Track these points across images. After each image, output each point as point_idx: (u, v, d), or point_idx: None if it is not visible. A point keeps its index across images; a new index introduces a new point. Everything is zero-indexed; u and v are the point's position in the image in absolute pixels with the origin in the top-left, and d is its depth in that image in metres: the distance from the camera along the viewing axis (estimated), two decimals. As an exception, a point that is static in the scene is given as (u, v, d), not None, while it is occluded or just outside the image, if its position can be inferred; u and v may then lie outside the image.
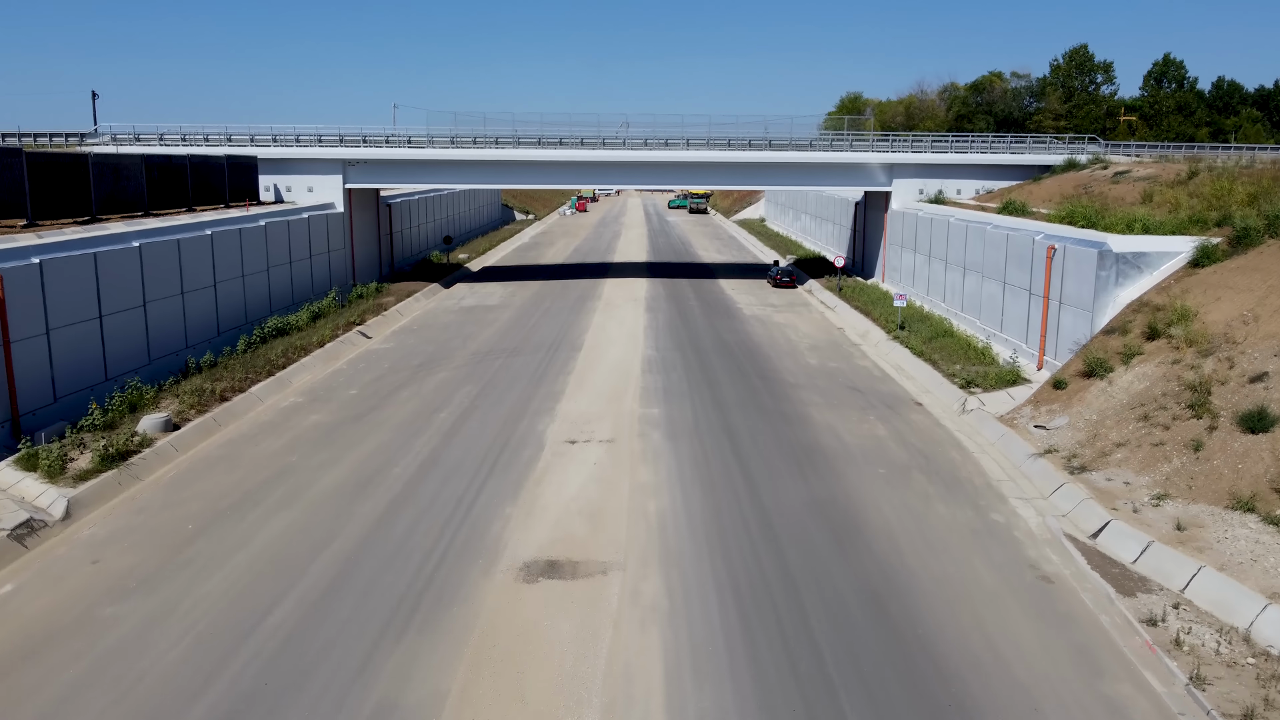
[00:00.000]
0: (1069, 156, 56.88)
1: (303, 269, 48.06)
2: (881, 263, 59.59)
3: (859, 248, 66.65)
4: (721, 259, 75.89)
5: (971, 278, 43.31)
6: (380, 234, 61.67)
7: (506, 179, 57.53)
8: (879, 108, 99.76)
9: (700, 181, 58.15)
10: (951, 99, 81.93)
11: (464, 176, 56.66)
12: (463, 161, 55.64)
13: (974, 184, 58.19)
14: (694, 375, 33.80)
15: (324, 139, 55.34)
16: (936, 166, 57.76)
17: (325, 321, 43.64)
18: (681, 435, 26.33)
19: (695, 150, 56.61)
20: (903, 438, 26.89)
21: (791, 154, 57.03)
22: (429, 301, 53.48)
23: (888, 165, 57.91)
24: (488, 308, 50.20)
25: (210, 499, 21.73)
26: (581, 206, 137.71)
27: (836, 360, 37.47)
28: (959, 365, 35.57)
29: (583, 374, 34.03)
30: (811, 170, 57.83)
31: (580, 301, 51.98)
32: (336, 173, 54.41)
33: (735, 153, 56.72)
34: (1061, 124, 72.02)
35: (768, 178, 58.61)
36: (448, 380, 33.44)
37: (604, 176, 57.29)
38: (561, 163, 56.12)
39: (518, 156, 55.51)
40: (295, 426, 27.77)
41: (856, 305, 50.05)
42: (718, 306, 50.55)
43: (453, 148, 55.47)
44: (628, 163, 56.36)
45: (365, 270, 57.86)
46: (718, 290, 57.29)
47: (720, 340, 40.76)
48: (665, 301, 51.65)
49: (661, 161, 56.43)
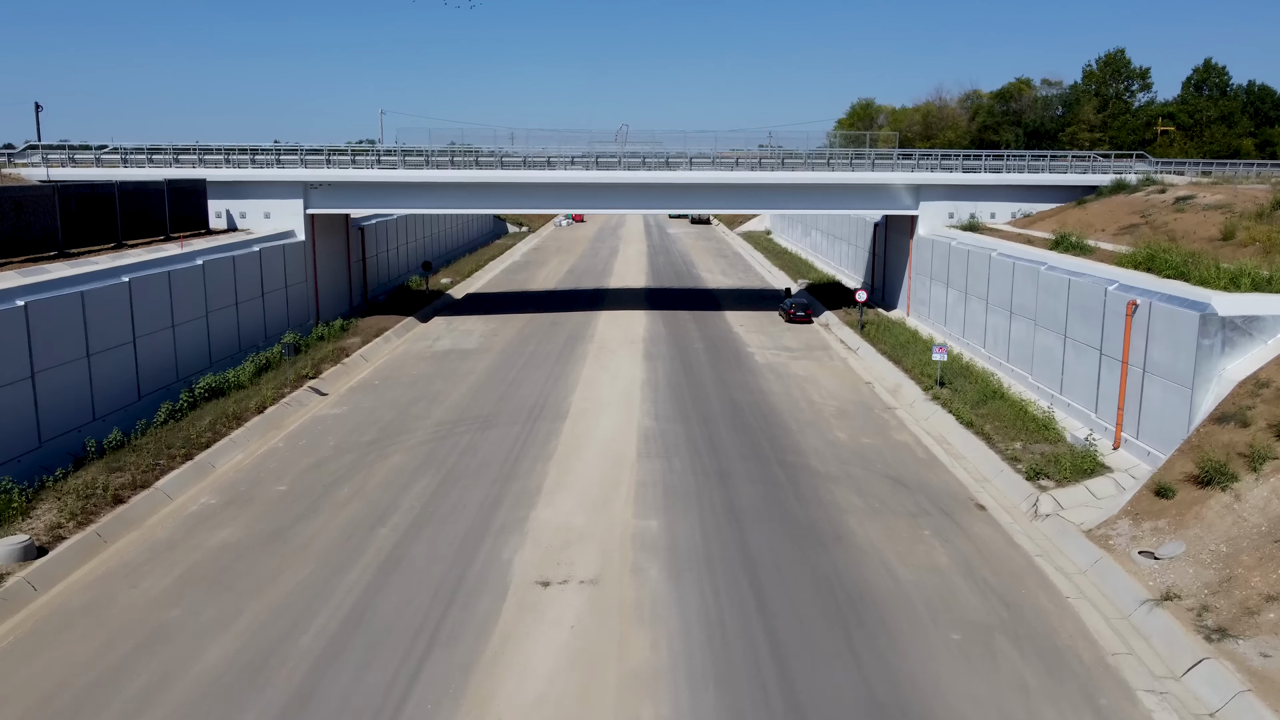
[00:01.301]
0: (1117, 177, 50.90)
1: (253, 310, 42.09)
2: (906, 294, 53.64)
3: (878, 273, 60.68)
4: (727, 283, 69.90)
5: (1020, 324, 37.34)
6: (350, 261, 55.72)
7: (490, 202, 51.55)
8: (893, 115, 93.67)
9: (705, 205, 52.20)
10: (975, 108, 76.00)
11: (442, 200, 50.70)
12: (440, 184, 49.69)
13: (1009, 207, 52.24)
14: (701, 461, 27.82)
15: (283, 159, 49.41)
16: (968, 188, 51.79)
17: (273, 376, 37.68)
18: (688, 571, 20.34)
19: (699, 170, 50.66)
20: (971, 569, 20.91)
21: (806, 174, 51.05)
22: (400, 342, 47.51)
23: (913, 186, 51.95)
24: (464, 352, 44.22)
25: (39, 695, 15.78)
26: (579, 217, 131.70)
27: (870, 433, 31.47)
28: (1018, 442, 29.61)
29: (566, 459, 28.05)
30: (828, 193, 51.86)
31: (570, 343, 46.02)
32: (296, 196, 48.47)
33: (743, 173, 50.77)
34: (1096, 136, 66.14)
35: (779, 200, 52.63)
36: (401, 467, 27.47)
37: (599, 200, 51.33)
38: (551, 185, 50.18)
39: (502, 179, 49.56)
40: (195, 549, 21.81)
41: (883, 349, 44.08)
42: (726, 350, 44.58)
43: (428, 168, 49.53)
44: (625, 185, 50.40)
45: (331, 304, 51.91)
46: (724, 326, 51.31)
47: (731, 402, 34.79)
48: (666, 344, 45.68)
49: (662, 183, 50.46)
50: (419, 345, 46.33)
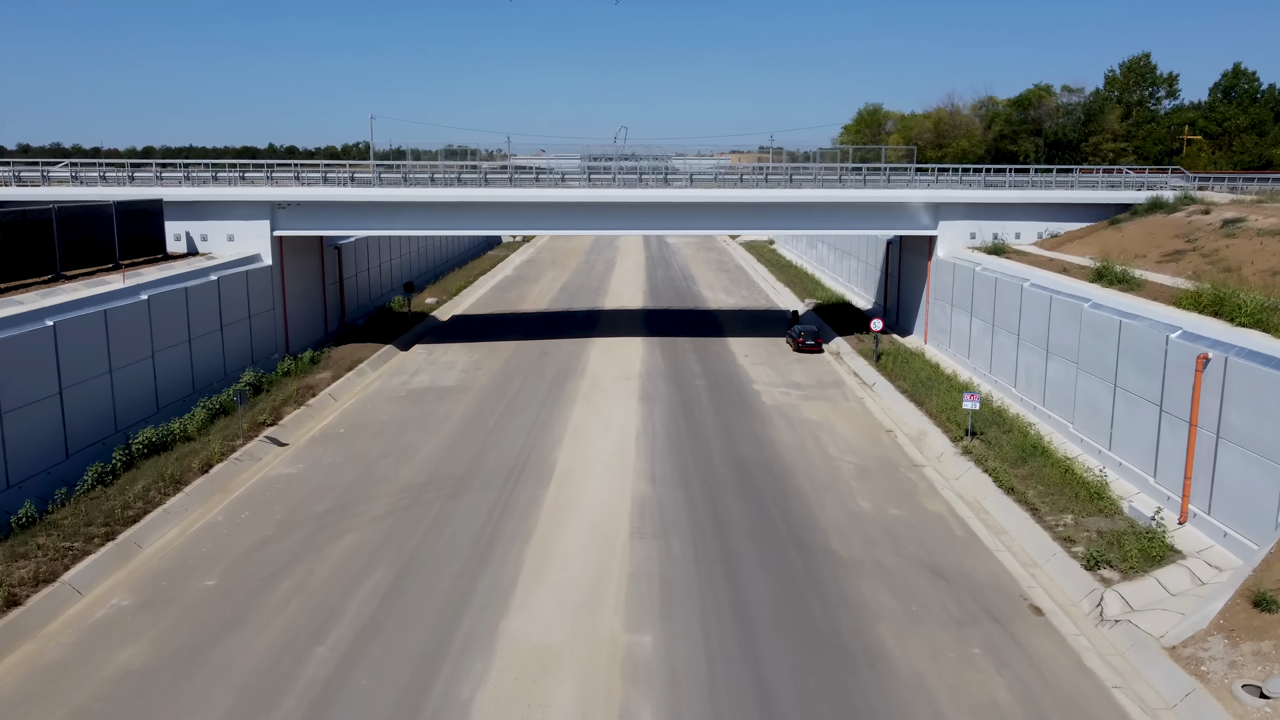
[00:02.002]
0: (1152, 194, 47.00)
1: (209, 347, 38.18)
2: (924, 319, 49.75)
3: (891, 293, 56.80)
4: (730, 302, 65.98)
5: (1060, 366, 33.47)
6: (325, 284, 51.83)
7: (474, 223, 47.65)
8: (902, 122, 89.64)
9: (708, 224, 48.29)
10: (990, 115, 72.13)
11: (422, 221, 46.79)
12: (420, 204, 45.80)
13: (1035, 226, 48.36)
14: (704, 542, 23.90)
15: (248, 175, 45.51)
16: (991, 206, 47.90)
17: (227, 423, 33.78)
18: (689, 717, 16.42)
19: (701, 189, 46.75)
20: (1038, 710, 16.99)
21: (815, 193, 47.16)
22: (374, 377, 43.61)
23: (932, 205, 48.06)
24: (442, 391, 40.31)
25: None
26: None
27: (897, 500, 27.54)
28: (1069, 515, 25.72)
29: (547, 539, 24.14)
30: (839, 212, 47.96)
31: (559, 379, 42.12)
32: (263, 217, 44.56)
33: (747, 191, 46.87)
34: (1121, 146, 62.28)
35: (787, 219, 48.72)
36: (354, 551, 23.56)
37: (593, 220, 47.42)
38: (541, 205, 46.29)
39: (487, 198, 45.67)
40: (87, 679, 17.91)
41: (902, 386, 40.19)
42: (730, 388, 40.68)
43: (407, 186, 45.62)
44: (621, 204, 46.51)
45: (303, 332, 48.00)
46: (728, 357, 47.41)
47: (737, 459, 30.88)
48: (664, 381, 41.78)
49: (661, 203, 46.57)
50: (394, 381, 42.41)
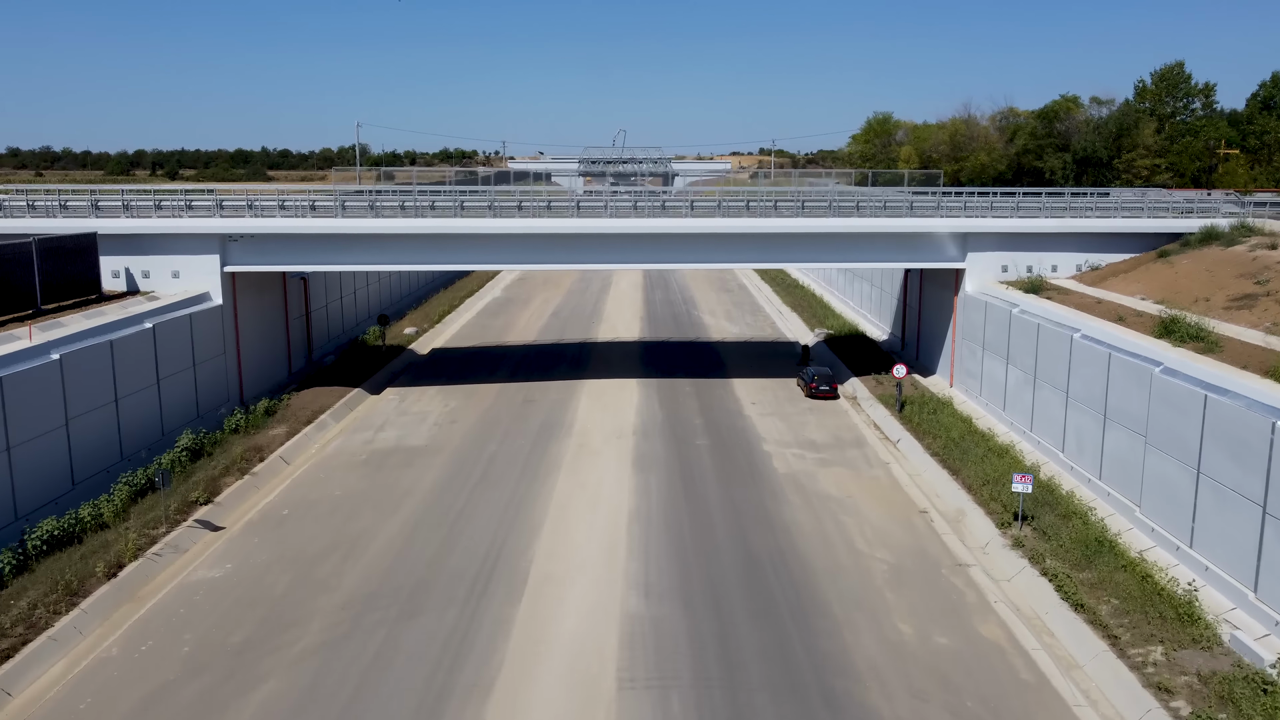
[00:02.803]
0: (1207, 224, 42.21)
1: (141, 405, 33.36)
2: (949, 359, 44.96)
3: (910, 325, 52.00)
4: (733, 331, 61.08)
5: (1121, 437, 28.70)
6: (289, 319, 46.97)
7: (449, 256, 42.77)
8: (914, 132, 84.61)
9: (711, 258, 43.46)
10: (1013, 128, 67.26)
11: (390, 255, 41.95)
12: (388, 235, 40.97)
13: (1074, 258, 43.60)
14: (711, 699, 19.03)
15: (195, 205, 40.66)
16: (1025, 236, 43.12)
17: (150, 504, 28.94)
18: None
19: (702, 219, 41.94)
20: None
21: (830, 222, 42.38)
22: (336, 432, 38.78)
23: (960, 235, 43.26)
24: (410, 453, 35.48)
25: None
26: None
27: (944, 624, 22.66)
28: (1157, 646, 20.94)
29: (512, 696, 19.27)
30: (857, 243, 43.18)
31: (543, 437, 37.32)
32: (212, 251, 39.76)
33: (754, 220, 42.04)
34: (1155, 162, 57.52)
35: (799, 251, 43.88)
36: (267, 710, 18.71)
37: (583, 253, 42.58)
38: (524, 236, 41.50)
39: (462, 229, 40.85)
40: None
41: (932, 447, 35.37)
42: (736, 450, 35.85)
43: (373, 217, 40.79)
44: (614, 235, 41.72)
45: (261, 376, 43.17)
46: (733, 404, 42.59)
47: (748, 556, 26.03)
48: (662, 439, 36.96)
49: (659, 234, 41.77)
50: (357, 439, 37.56)
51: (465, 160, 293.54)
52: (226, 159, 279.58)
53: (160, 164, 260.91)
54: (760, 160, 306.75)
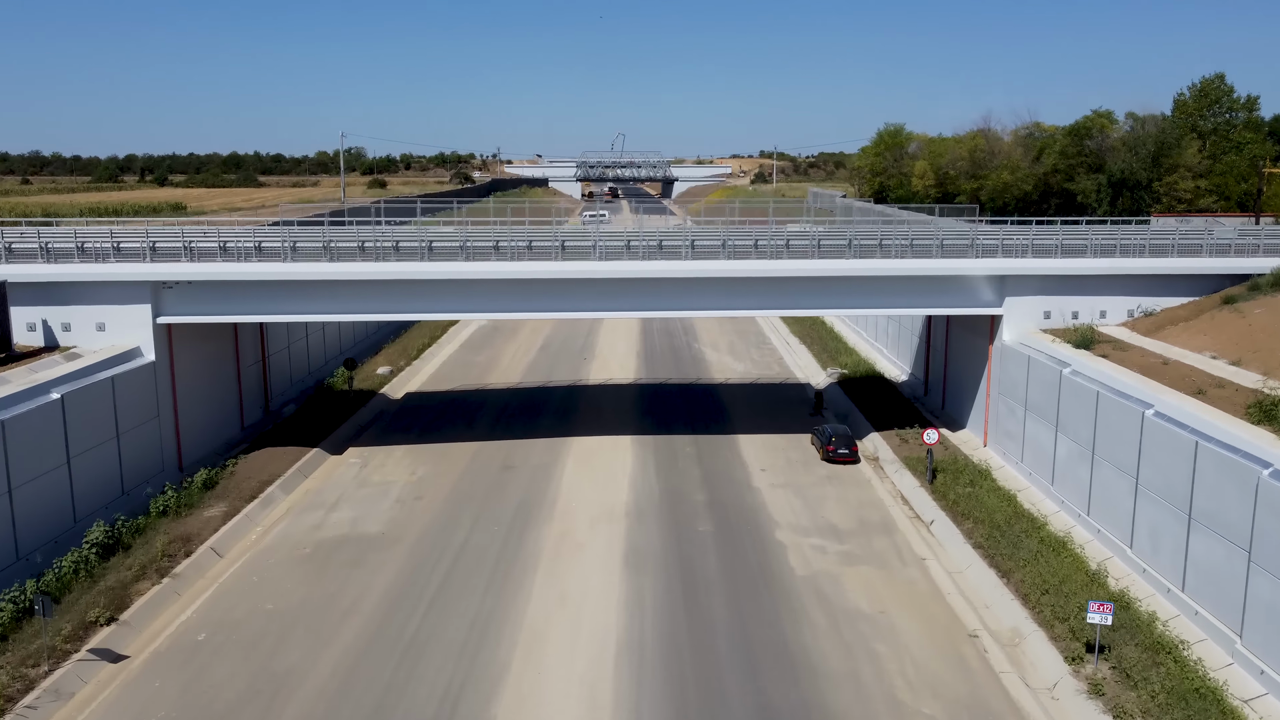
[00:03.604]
0: (1278, 264, 37.14)
1: (41, 493, 28.24)
2: (982, 414, 39.90)
3: (935, 367, 46.88)
4: (739, 369, 55.91)
5: (1214, 546, 23.68)
6: (241, 367, 41.85)
7: (417, 303, 37.65)
8: (930, 147, 79.28)
9: (713, 304, 38.38)
10: (1040, 146, 62.10)
11: (349, 302, 36.85)
12: (345, 282, 35.92)
13: (1124, 302, 38.54)
14: None
15: (124, 249, 35.54)
16: (1071, 279, 38.04)
17: (35, 630, 23.82)
18: None
19: (703, 261, 36.86)
20: None
21: (848, 264, 37.29)
22: (282, 509, 33.71)
23: (996, 278, 38.17)
24: (363, 544, 30.40)
25: None
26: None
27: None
28: None
29: None
30: (879, 287, 38.13)
31: (520, 520, 32.26)
32: (143, 300, 34.75)
33: (764, 263, 36.99)
34: (1199, 184, 52.43)
35: (813, 297, 38.75)
36: None
37: (566, 299, 37.50)
38: (501, 282, 36.45)
39: (432, 274, 35.79)
40: None
41: (974, 535, 30.26)
42: (746, 541, 30.75)
43: (327, 260, 35.69)
44: (603, 280, 36.68)
45: (205, 437, 38.08)
46: (740, 472, 37.49)
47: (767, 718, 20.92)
48: (659, 524, 31.89)
49: (653, 278, 36.73)
50: (305, 522, 32.44)
51: (461, 164, 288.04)
52: (218, 164, 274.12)
53: (150, 169, 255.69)
54: (761, 164, 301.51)
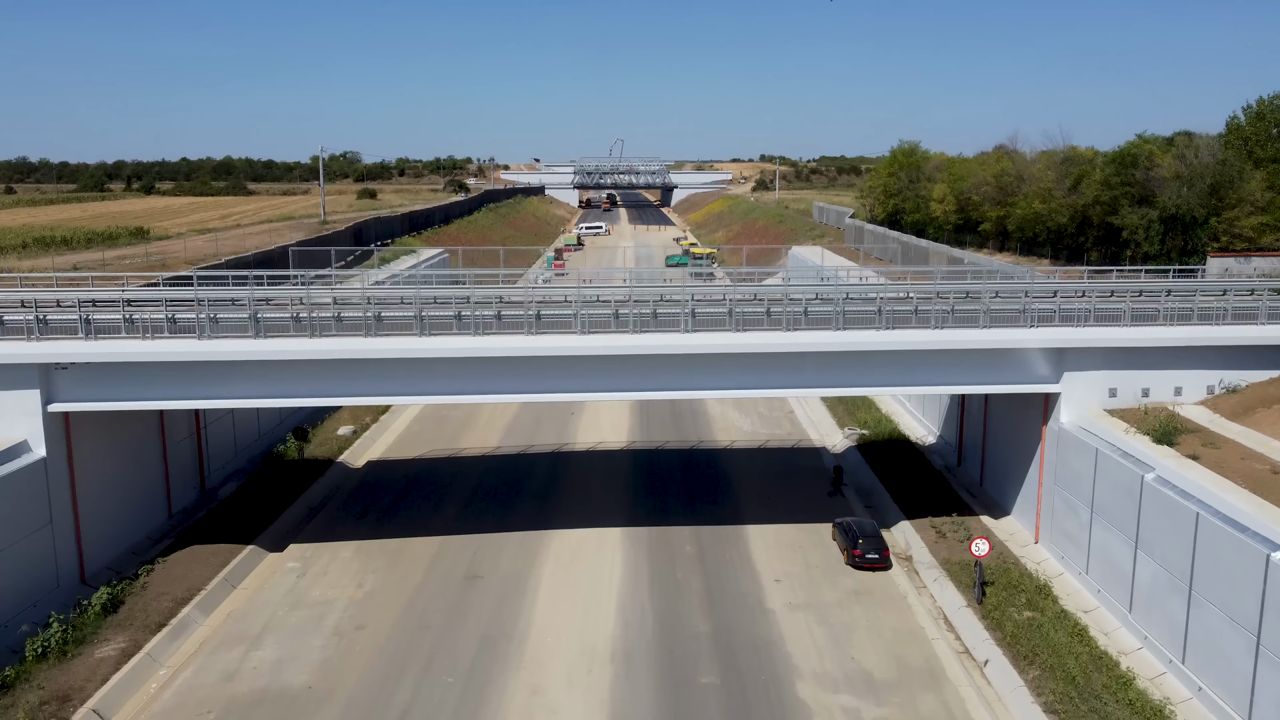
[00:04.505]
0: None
1: None
2: (1033, 504, 34.04)
3: (970, 431, 40.91)
4: (745, 428, 49.79)
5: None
6: (167, 445, 35.80)
7: (363, 385, 31.57)
8: (950, 169, 73.07)
9: (715, 381, 32.40)
10: (1077, 173, 55.97)
11: (280, 384, 30.85)
12: (275, 362, 29.95)
13: (1204, 377, 32.66)
14: None
15: (6, 321, 29.55)
16: (1141, 351, 32.10)
17: None
18: None
19: (706, 335, 30.90)
20: None
21: (874, 336, 31.34)
22: (199, 639, 27.72)
23: (1054, 351, 32.23)
24: (283, 704, 24.36)
25: None
26: (560, 268, 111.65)
27: None
28: None
29: None
30: (916, 361, 32.19)
31: (480, 670, 26.27)
32: (29, 385, 28.86)
33: (773, 336, 31.06)
34: (1263, 221, 46.55)
35: (841, 374, 32.73)
36: None
37: (542, 379, 31.54)
38: (463, 361, 30.51)
39: (381, 351, 29.83)
40: None
41: (1045, 695, 24.18)
42: (761, 703, 24.71)
43: (253, 337, 29.67)
44: (586, 357, 30.73)
45: (122, 533, 32.26)
46: (751, 590, 31.48)
47: None
48: (652, 677, 25.88)
49: (647, 354, 30.80)
50: (216, 666, 26.39)
51: (456, 170, 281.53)
52: (208, 171, 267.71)
53: (139, 175, 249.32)
54: (762, 169, 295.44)
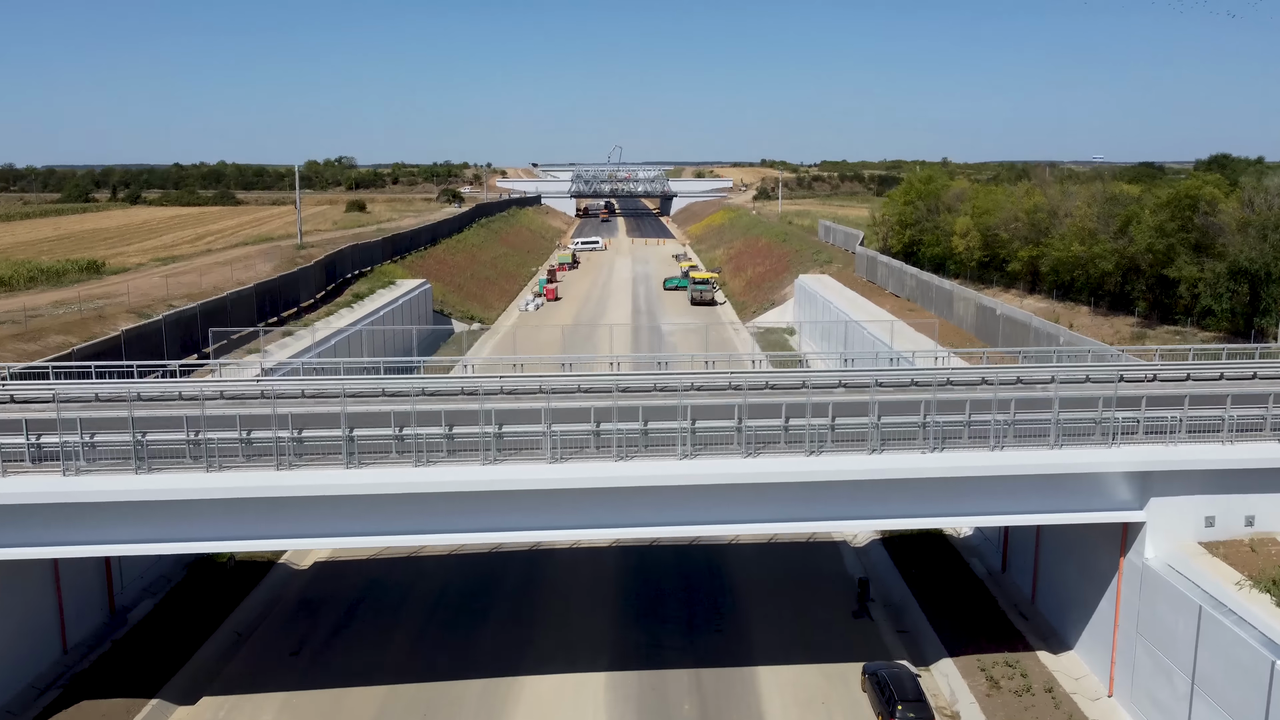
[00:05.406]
0: None
1: None
2: (1106, 651, 27.95)
3: (1017, 533, 34.69)
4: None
5: None
6: (60, 564, 29.62)
7: (273, 526, 25.18)
8: (975, 199, 66.23)
9: (723, 517, 26.25)
10: (1126, 216, 49.25)
11: (167, 526, 24.57)
12: (161, 503, 23.77)
13: (1321, 500, 26.44)
14: None
15: None
16: (1247, 473, 25.96)
17: None
18: None
19: (707, 459, 24.75)
20: None
21: (924, 461, 25.22)
22: None
23: (1139, 475, 26.07)
24: None
25: None
26: (552, 294, 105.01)
27: None
28: None
29: None
30: (965, 488, 26.02)
31: None
32: None
33: (795, 462, 24.92)
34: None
35: (874, 502, 26.54)
36: None
37: (503, 515, 25.38)
38: (399, 497, 24.35)
39: (302, 488, 23.68)
40: None
41: None
42: None
43: (134, 472, 23.43)
44: (556, 491, 24.60)
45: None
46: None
47: None
48: None
49: (634, 487, 24.68)
50: None
51: (451, 178, 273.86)
52: (197, 178, 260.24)
53: (126, 184, 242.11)
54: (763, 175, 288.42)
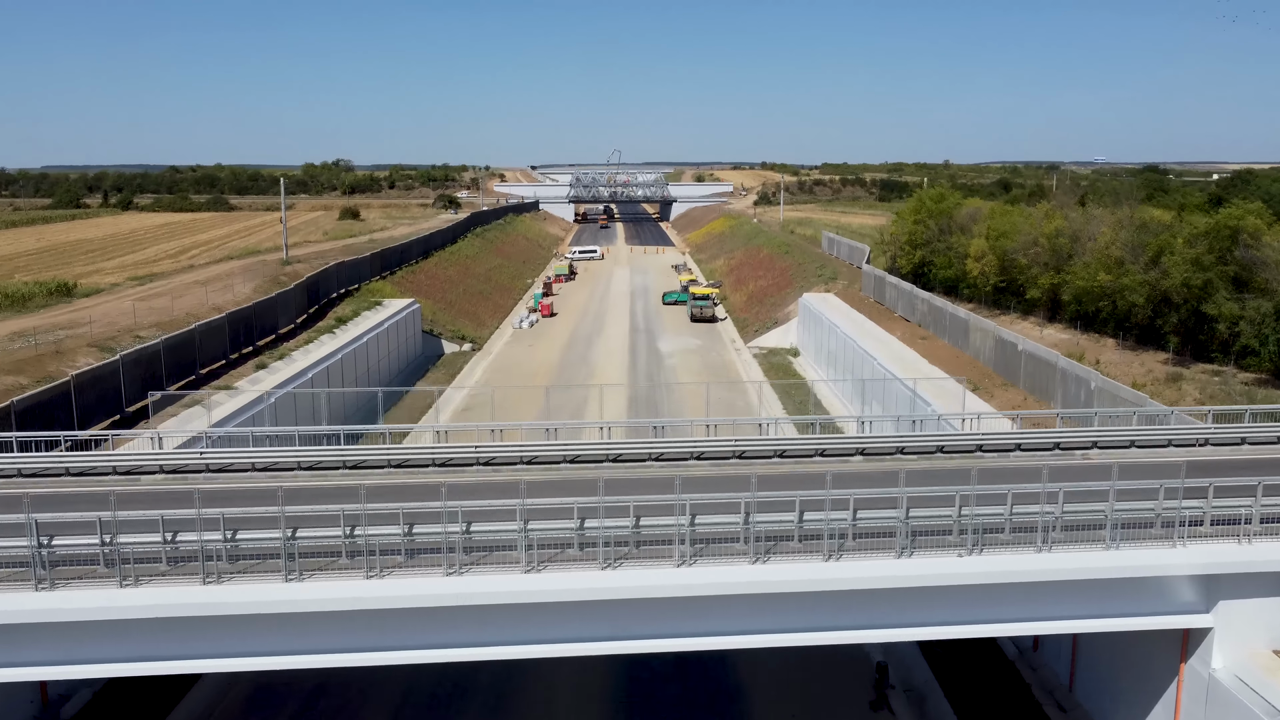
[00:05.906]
0: None
1: None
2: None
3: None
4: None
5: None
6: None
7: (205, 645, 21.66)
8: (991, 221, 62.47)
9: (732, 626, 22.81)
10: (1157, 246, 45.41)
11: (80, 648, 21.04)
12: (71, 624, 20.29)
13: None
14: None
15: None
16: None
17: None
18: None
19: (709, 566, 21.29)
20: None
21: (958, 565, 21.81)
22: None
23: (1207, 579, 22.66)
24: None
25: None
26: (547, 310, 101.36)
27: None
28: None
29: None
30: (1006, 593, 22.60)
31: None
32: None
33: (812, 568, 21.49)
34: None
35: (900, 610, 23.10)
36: None
37: (469, 631, 21.90)
38: (351, 615, 20.86)
39: (227, 606, 20.20)
40: None
41: None
42: None
43: (34, 587, 20.00)
44: (532, 605, 21.17)
45: None
46: None
47: None
48: None
49: (622, 599, 21.28)
50: None
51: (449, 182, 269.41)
52: (191, 182, 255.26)
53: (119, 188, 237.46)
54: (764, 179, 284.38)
